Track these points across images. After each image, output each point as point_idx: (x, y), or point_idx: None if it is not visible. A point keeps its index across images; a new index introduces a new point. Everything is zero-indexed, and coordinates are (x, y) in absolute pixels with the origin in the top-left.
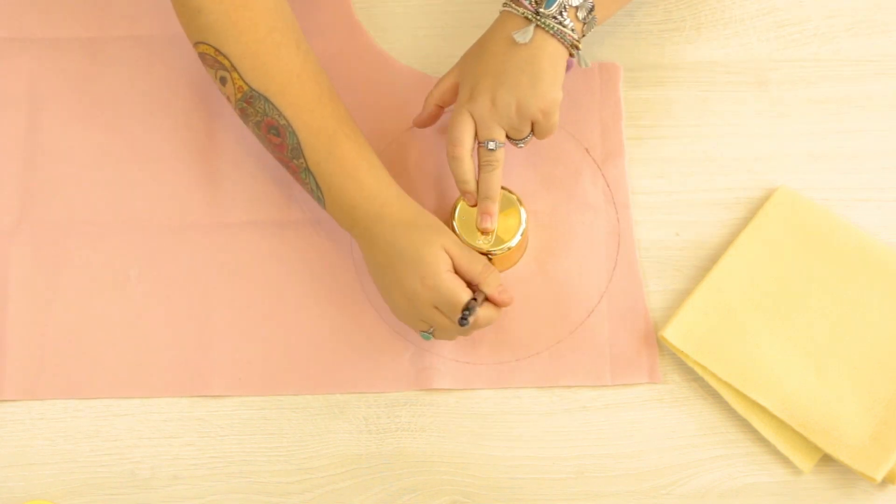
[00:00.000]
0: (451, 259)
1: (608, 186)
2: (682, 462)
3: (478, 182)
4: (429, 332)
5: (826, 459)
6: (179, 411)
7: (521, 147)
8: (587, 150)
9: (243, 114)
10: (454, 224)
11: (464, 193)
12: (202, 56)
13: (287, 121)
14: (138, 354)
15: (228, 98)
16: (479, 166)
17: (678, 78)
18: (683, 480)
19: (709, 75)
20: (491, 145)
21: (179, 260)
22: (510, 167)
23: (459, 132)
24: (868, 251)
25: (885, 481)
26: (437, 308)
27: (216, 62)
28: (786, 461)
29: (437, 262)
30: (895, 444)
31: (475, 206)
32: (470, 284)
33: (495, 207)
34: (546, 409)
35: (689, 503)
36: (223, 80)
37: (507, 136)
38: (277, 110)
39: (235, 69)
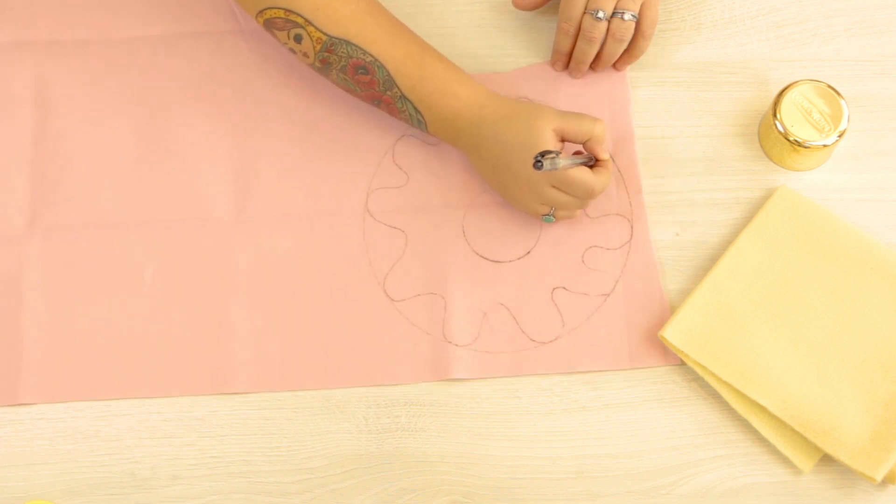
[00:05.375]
0: (560, 130)
1: (619, 171)
2: (682, 462)
3: (573, 49)
4: (550, 215)
5: (826, 459)
6: (179, 411)
7: (626, 21)
8: None
9: (325, 63)
10: (778, 116)
11: (555, 61)
12: (270, 22)
13: (374, 56)
14: (156, 355)
15: (305, 54)
16: (580, 37)
17: (678, 78)
18: (683, 480)
19: (709, 75)
20: (600, 14)
21: (193, 259)
22: None
23: (573, 9)
24: (868, 251)
25: (885, 481)
26: (554, 186)
27: (287, 23)
28: (786, 461)
29: (543, 141)
30: (895, 444)
31: (562, 70)
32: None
33: (584, 71)
34: (546, 409)
35: (689, 503)
36: (298, 38)
37: (614, 12)
38: (362, 49)
39: (310, 23)
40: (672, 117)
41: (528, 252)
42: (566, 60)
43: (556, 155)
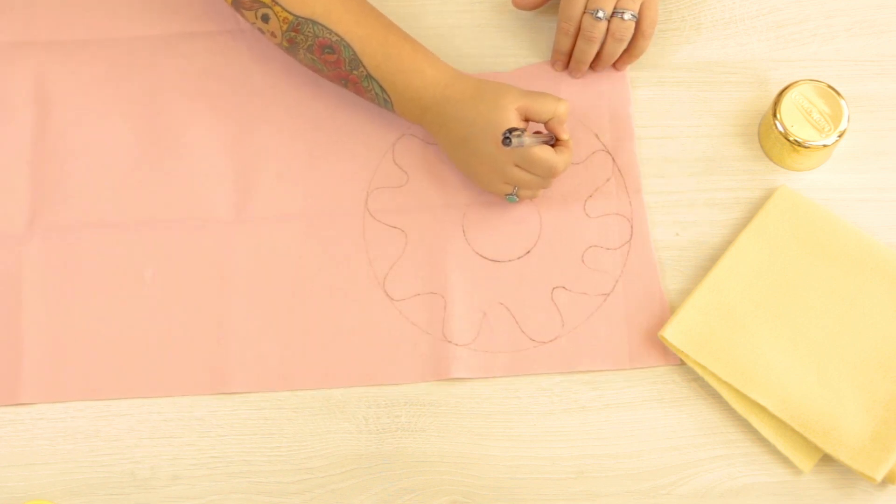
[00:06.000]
0: (523, 109)
1: (619, 171)
2: (682, 462)
3: (573, 49)
4: (513, 194)
5: (826, 459)
6: (179, 411)
7: (626, 21)
8: (596, 135)
9: (292, 43)
10: (778, 116)
11: (555, 61)
12: (238, 2)
13: (339, 36)
14: (156, 355)
15: (273, 34)
16: (580, 37)
17: (678, 78)
18: (683, 480)
19: (709, 75)
20: (600, 14)
21: (193, 259)
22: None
23: (573, 9)
24: (868, 251)
25: (885, 481)
26: (517, 165)
27: (255, 2)
28: (786, 461)
29: (507, 120)
30: (895, 444)
31: (562, 70)
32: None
33: (584, 71)
34: (546, 409)
35: (689, 503)
36: (265, 18)
37: (614, 12)
38: (328, 29)
39: (277, 3)
40: (672, 117)
41: (528, 251)
42: (566, 60)
43: (522, 132)
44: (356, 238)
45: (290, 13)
